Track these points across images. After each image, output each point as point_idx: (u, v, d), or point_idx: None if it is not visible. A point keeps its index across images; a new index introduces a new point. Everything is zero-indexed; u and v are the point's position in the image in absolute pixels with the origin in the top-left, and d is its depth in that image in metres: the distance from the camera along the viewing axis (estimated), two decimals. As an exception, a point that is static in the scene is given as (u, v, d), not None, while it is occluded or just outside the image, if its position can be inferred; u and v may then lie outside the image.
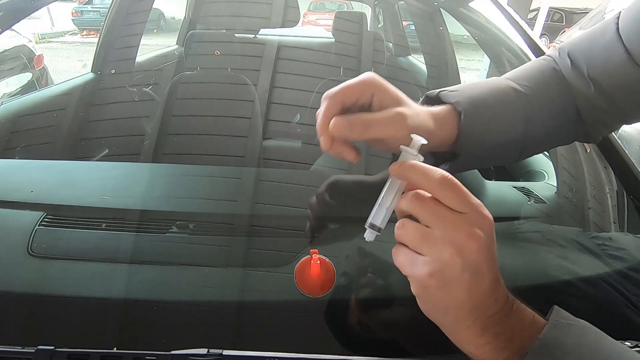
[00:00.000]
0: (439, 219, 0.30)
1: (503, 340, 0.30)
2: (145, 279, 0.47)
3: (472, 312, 0.30)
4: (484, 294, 0.30)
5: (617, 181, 0.64)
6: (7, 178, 0.61)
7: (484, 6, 1.05)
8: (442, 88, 0.44)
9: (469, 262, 0.29)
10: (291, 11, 0.98)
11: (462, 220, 0.29)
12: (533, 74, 0.47)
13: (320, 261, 0.45)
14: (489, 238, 0.30)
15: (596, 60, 0.45)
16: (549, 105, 0.45)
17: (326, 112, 0.35)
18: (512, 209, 0.61)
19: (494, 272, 0.30)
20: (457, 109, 0.41)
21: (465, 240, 0.29)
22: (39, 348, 0.35)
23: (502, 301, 0.30)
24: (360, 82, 0.37)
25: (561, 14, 10.01)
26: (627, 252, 0.54)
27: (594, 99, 0.45)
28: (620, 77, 0.43)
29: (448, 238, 0.29)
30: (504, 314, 0.30)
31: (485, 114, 0.42)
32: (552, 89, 0.46)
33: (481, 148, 0.43)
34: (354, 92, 0.36)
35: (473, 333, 0.30)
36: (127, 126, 0.78)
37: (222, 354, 0.35)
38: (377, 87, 0.37)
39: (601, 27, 0.46)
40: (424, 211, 0.30)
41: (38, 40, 3.57)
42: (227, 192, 0.61)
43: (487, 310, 0.30)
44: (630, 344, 0.39)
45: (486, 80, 0.47)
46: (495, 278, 0.30)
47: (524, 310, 0.31)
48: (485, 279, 0.30)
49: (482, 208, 0.30)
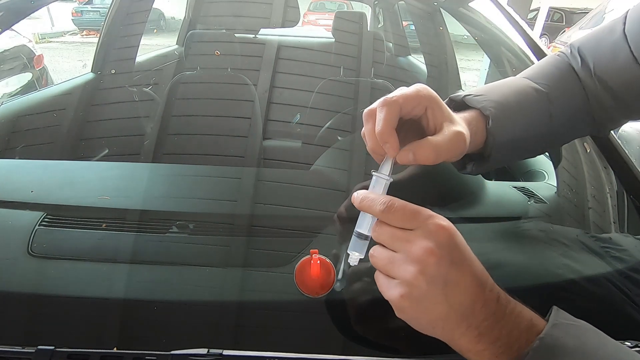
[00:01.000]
0: (395, 241, 0.31)
1: (500, 346, 0.29)
2: (145, 279, 0.47)
3: (461, 320, 0.30)
4: (466, 300, 0.30)
5: (617, 181, 0.64)
6: (7, 178, 0.61)
7: (484, 6, 1.05)
8: (466, 91, 0.45)
9: (432, 276, 0.29)
10: (291, 11, 0.98)
11: (416, 236, 0.30)
12: (551, 71, 0.48)
13: (320, 261, 0.45)
14: (446, 246, 0.30)
15: (602, 59, 0.46)
16: (568, 102, 0.46)
17: (388, 119, 0.34)
18: (512, 209, 0.61)
19: (470, 276, 0.30)
20: (485, 113, 0.41)
21: (421, 255, 0.29)
22: (39, 348, 0.35)
23: (493, 304, 0.30)
24: (416, 92, 0.36)
25: (561, 14, 10.00)
26: (628, 253, 0.54)
27: (599, 96, 0.46)
28: (626, 76, 0.44)
29: (407, 258, 0.30)
30: (498, 317, 0.30)
31: (511, 117, 0.43)
32: (570, 85, 0.47)
33: (508, 149, 0.44)
34: (412, 101, 0.35)
35: (469, 341, 0.30)
36: (127, 126, 0.78)
37: (222, 354, 0.35)
38: (432, 100, 0.36)
39: (609, 26, 0.47)
40: (383, 237, 0.32)
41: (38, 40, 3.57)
42: (227, 192, 0.61)
43: (477, 315, 0.30)
44: (631, 343, 0.39)
45: (507, 81, 0.47)
46: (475, 281, 0.30)
47: (520, 312, 0.30)
48: (459, 286, 0.29)
49: (433, 219, 0.30)
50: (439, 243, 0.29)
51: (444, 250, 0.29)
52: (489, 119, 0.41)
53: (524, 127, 0.44)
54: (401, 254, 0.30)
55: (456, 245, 0.30)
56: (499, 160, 0.45)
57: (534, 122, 0.44)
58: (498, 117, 0.41)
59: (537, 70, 0.49)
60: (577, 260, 0.52)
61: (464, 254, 0.30)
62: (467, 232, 0.54)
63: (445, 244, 0.30)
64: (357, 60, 0.97)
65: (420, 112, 0.36)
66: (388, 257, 0.31)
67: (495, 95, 0.43)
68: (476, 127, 0.41)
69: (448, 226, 0.30)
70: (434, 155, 0.34)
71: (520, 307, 0.31)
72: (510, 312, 0.30)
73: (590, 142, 0.68)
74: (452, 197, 0.58)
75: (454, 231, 0.30)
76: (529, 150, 0.48)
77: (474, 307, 0.29)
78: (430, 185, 0.56)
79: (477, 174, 0.48)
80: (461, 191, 0.58)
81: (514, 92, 0.45)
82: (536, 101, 0.45)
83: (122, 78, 0.88)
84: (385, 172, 0.35)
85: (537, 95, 0.45)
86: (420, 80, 1.16)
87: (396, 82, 0.94)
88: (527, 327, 0.30)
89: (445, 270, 0.29)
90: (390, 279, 0.31)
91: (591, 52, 0.46)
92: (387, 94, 0.36)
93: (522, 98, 0.44)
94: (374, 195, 0.33)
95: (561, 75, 0.47)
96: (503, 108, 0.42)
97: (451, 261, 0.29)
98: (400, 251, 0.31)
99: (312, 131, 0.74)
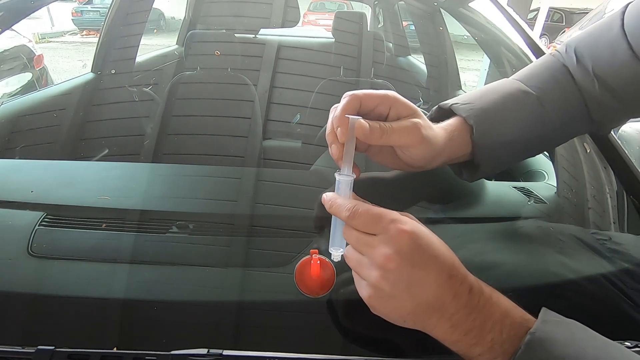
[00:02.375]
0: (360, 245, 0.33)
1: (474, 337, 0.30)
2: (145, 279, 0.47)
3: (430, 314, 0.31)
4: (433, 295, 0.30)
5: (617, 181, 0.64)
6: (7, 178, 0.61)
7: (484, 6, 1.05)
8: (454, 99, 0.45)
9: (394, 279, 0.30)
10: (291, 11, 0.98)
11: (378, 242, 0.31)
12: (542, 73, 0.47)
13: (320, 261, 0.45)
14: (407, 251, 0.30)
15: (601, 57, 0.45)
16: (561, 104, 0.46)
17: (345, 106, 0.37)
18: (512, 209, 0.61)
19: (434, 274, 0.31)
20: (469, 123, 0.42)
21: (382, 262, 0.31)
22: (39, 348, 0.35)
23: (464, 296, 0.31)
24: (382, 92, 0.39)
25: (561, 14, 10.01)
26: (628, 251, 0.54)
27: (599, 95, 0.45)
28: (625, 74, 0.43)
29: (371, 262, 0.31)
30: (470, 309, 0.31)
31: (498, 123, 0.43)
32: (563, 86, 0.46)
33: (498, 155, 0.44)
34: (374, 98, 0.38)
35: (443, 332, 0.31)
36: (127, 126, 0.78)
37: (222, 354, 0.35)
38: (396, 100, 0.39)
39: (607, 23, 0.46)
40: (351, 240, 0.34)
41: (38, 40, 3.57)
42: (227, 192, 0.61)
43: (448, 308, 0.31)
44: (630, 344, 0.39)
45: (496, 86, 0.47)
46: (442, 277, 0.31)
47: (496, 302, 0.31)
48: (424, 285, 0.30)
49: (394, 224, 0.31)
50: (398, 248, 0.30)
51: (404, 255, 0.30)
52: (473, 128, 0.42)
53: (513, 132, 0.44)
54: (367, 258, 0.32)
55: (418, 247, 0.31)
56: (492, 166, 0.46)
57: (523, 126, 0.44)
58: (483, 125, 0.42)
59: (528, 72, 0.48)
60: (577, 259, 0.52)
61: (426, 254, 0.31)
62: (467, 232, 0.54)
63: (405, 248, 0.30)
64: (357, 60, 0.97)
65: (384, 111, 0.38)
66: (357, 260, 0.33)
67: (482, 102, 0.44)
68: (463, 133, 0.42)
69: (409, 229, 0.31)
70: (380, 133, 0.36)
71: (496, 297, 0.32)
72: (485, 302, 0.31)
73: (590, 142, 0.68)
74: (452, 196, 0.58)
75: (416, 234, 0.31)
76: (521, 154, 0.48)
77: (443, 299, 0.30)
78: (430, 185, 0.56)
79: (473, 181, 0.48)
80: (461, 191, 0.58)
81: (502, 97, 0.45)
82: (525, 104, 0.45)
83: (122, 78, 0.88)
84: (347, 171, 0.37)
85: (527, 98, 0.45)
86: (421, 80, 1.17)
87: (396, 82, 0.94)
88: (501, 317, 0.30)
89: (407, 273, 0.30)
90: (361, 280, 0.33)
91: (589, 51, 0.46)
92: None
93: (511, 103, 0.44)
94: (341, 200, 0.34)
95: (553, 77, 0.47)
96: (488, 116, 0.43)
97: (412, 264, 0.30)
98: (365, 255, 0.32)
99: (312, 131, 0.74)
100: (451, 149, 0.42)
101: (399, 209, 0.34)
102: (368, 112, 0.38)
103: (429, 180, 0.55)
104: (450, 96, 1.07)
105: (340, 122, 0.37)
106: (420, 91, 1.03)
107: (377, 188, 0.50)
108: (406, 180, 0.50)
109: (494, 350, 0.30)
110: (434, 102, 0.93)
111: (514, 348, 0.29)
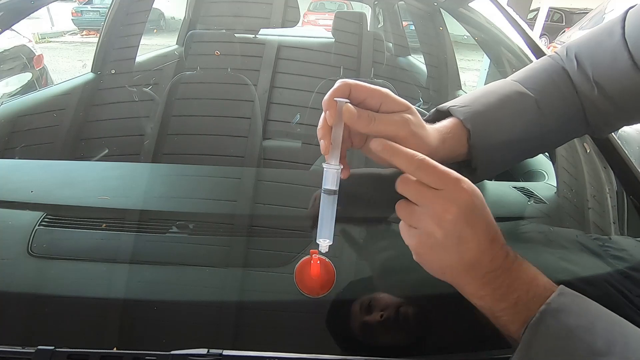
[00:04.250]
0: (420, 196, 0.34)
1: (501, 294, 0.33)
2: (145, 279, 0.47)
3: (467, 270, 0.33)
4: (475, 255, 0.33)
5: (617, 181, 0.64)
6: (7, 178, 0.61)
7: (484, 6, 1.05)
8: (452, 101, 0.45)
9: (448, 231, 0.33)
10: (291, 11, 0.98)
11: (439, 196, 0.33)
12: (540, 75, 0.47)
13: (320, 261, 0.45)
14: (465, 208, 0.33)
15: (601, 64, 0.45)
16: (558, 105, 0.46)
17: (334, 91, 0.37)
18: (512, 209, 0.61)
19: (483, 236, 0.33)
20: (466, 126, 0.42)
21: (441, 212, 0.32)
22: (39, 348, 0.35)
23: (500, 259, 0.33)
24: (373, 86, 0.39)
25: (561, 14, 10.01)
26: (627, 253, 0.54)
27: (596, 102, 0.45)
28: (625, 83, 0.43)
29: (428, 212, 0.33)
30: (502, 270, 0.33)
31: (495, 126, 0.43)
32: (561, 89, 0.46)
33: (495, 157, 0.44)
34: (364, 90, 0.38)
35: (473, 288, 0.34)
36: (127, 126, 0.78)
37: (222, 354, 0.35)
38: (387, 96, 0.39)
39: (607, 29, 0.45)
40: (409, 192, 0.35)
41: (38, 40, 3.57)
42: (227, 192, 0.60)
43: (483, 268, 0.33)
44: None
45: (494, 86, 0.47)
46: (487, 240, 0.33)
47: (525, 269, 0.34)
48: (471, 244, 0.33)
49: (459, 183, 0.33)
50: (459, 203, 0.32)
51: (462, 210, 0.32)
52: (469, 132, 0.42)
53: (510, 134, 0.44)
54: (424, 208, 0.34)
55: (475, 207, 0.33)
56: (490, 168, 0.46)
57: (521, 128, 0.44)
58: (480, 128, 0.42)
59: (526, 74, 0.48)
60: (576, 261, 0.52)
61: (479, 216, 0.33)
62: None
63: (465, 205, 0.33)
64: (357, 60, 0.97)
65: (374, 105, 0.39)
66: (410, 210, 0.35)
67: (479, 105, 0.44)
68: (458, 135, 0.43)
69: (469, 189, 0.33)
70: (367, 120, 0.37)
71: (526, 265, 0.35)
72: (517, 267, 0.34)
73: (590, 142, 0.68)
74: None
75: (476, 195, 0.33)
76: (519, 155, 0.48)
77: (482, 260, 0.33)
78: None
79: (473, 183, 0.48)
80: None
81: (500, 99, 0.45)
82: (523, 107, 0.45)
83: (122, 78, 0.88)
84: (334, 160, 0.37)
85: (525, 100, 0.45)
86: (421, 80, 1.16)
87: (396, 82, 0.94)
88: (528, 280, 0.34)
89: (460, 228, 0.32)
90: (411, 228, 0.35)
91: (589, 57, 0.45)
92: None
93: (508, 105, 0.44)
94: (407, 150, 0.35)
95: (551, 79, 0.47)
96: (485, 118, 0.43)
97: (466, 221, 0.33)
98: (423, 206, 0.34)
99: (312, 131, 0.73)
100: (445, 150, 0.42)
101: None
102: (357, 104, 0.38)
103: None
104: (450, 96, 1.07)
105: (328, 105, 0.37)
106: (420, 91, 1.03)
107: (371, 186, 0.50)
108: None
109: (517, 306, 0.33)
110: (434, 102, 0.94)
111: (536, 309, 0.32)
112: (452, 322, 0.47)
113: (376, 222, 0.54)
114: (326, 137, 0.38)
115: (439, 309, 0.47)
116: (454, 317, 0.46)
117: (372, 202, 0.49)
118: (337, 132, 0.37)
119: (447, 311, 0.46)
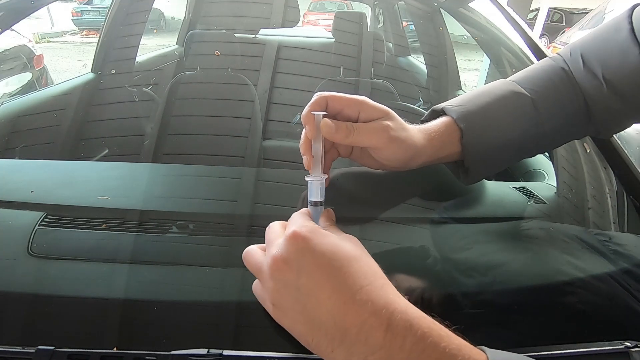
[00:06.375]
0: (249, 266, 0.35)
1: None
2: (145, 279, 0.47)
3: (327, 337, 0.27)
4: (329, 315, 0.26)
5: (617, 181, 0.64)
6: (7, 178, 0.61)
7: (484, 6, 1.05)
8: (447, 101, 0.45)
9: (280, 280, 0.30)
10: (291, 11, 0.98)
11: (270, 245, 0.32)
12: (539, 75, 0.47)
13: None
14: (294, 256, 0.28)
15: (610, 61, 0.44)
16: (556, 106, 0.45)
17: (311, 105, 0.38)
18: (512, 209, 0.61)
19: (331, 290, 0.27)
20: (459, 126, 0.42)
21: (270, 262, 0.30)
22: (39, 348, 0.35)
23: (378, 333, 0.25)
24: (350, 96, 0.39)
25: (561, 14, 10.01)
26: (630, 250, 0.54)
27: (606, 100, 0.45)
28: (636, 78, 0.43)
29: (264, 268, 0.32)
30: (387, 351, 0.25)
31: (488, 126, 0.43)
32: (559, 89, 0.46)
33: (489, 157, 0.44)
34: (341, 100, 0.38)
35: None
36: (127, 126, 0.78)
37: (222, 354, 0.35)
38: (365, 104, 0.39)
39: (613, 26, 0.45)
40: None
41: (38, 40, 3.57)
42: (227, 192, 0.60)
43: (352, 341, 0.26)
44: (630, 343, 0.39)
45: (491, 86, 0.47)
46: (342, 298, 0.26)
47: (430, 346, 0.25)
48: (314, 296, 0.27)
49: (289, 229, 0.30)
50: (286, 250, 0.29)
51: (290, 260, 0.28)
52: (462, 132, 0.42)
53: (505, 134, 0.44)
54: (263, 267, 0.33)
55: (309, 252, 0.28)
56: (484, 168, 0.45)
57: (516, 128, 0.44)
58: (473, 127, 0.42)
59: (524, 75, 0.48)
60: (579, 258, 0.52)
61: (317, 262, 0.27)
62: (467, 232, 0.54)
63: (293, 253, 0.28)
64: (357, 60, 0.97)
65: (353, 114, 0.39)
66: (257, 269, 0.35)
67: (473, 104, 0.44)
68: (448, 134, 0.43)
69: (304, 233, 0.29)
70: (345, 132, 0.37)
71: (437, 337, 0.25)
72: (412, 346, 0.24)
73: (590, 142, 0.68)
74: (451, 196, 0.58)
75: (310, 238, 0.28)
76: (515, 156, 0.48)
77: (343, 326, 0.26)
78: (430, 184, 0.56)
79: (470, 184, 0.48)
80: (460, 191, 0.58)
81: (495, 99, 0.44)
82: (519, 107, 0.44)
83: (122, 78, 0.88)
84: (317, 172, 0.37)
85: (521, 100, 0.44)
86: (421, 80, 1.16)
87: (396, 82, 0.94)
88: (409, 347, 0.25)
89: (293, 276, 0.28)
90: None
91: (596, 55, 0.45)
92: (387, 95, 0.37)
93: (504, 105, 0.44)
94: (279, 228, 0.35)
95: (549, 79, 0.46)
96: (479, 118, 0.43)
97: (298, 268, 0.28)
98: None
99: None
100: (433, 149, 0.42)
101: (396, 206, 0.35)
102: (335, 115, 0.39)
103: (428, 179, 0.55)
104: (450, 96, 1.06)
105: (306, 119, 0.37)
106: (420, 91, 1.03)
107: (371, 185, 0.50)
108: (405, 178, 0.50)
109: None
110: (434, 102, 0.93)
111: None
112: (452, 322, 0.47)
113: (370, 221, 0.54)
114: (307, 153, 0.38)
115: (439, 308, 0.47)
116: (454, 317, 0.46)
117: (365, 201, 0.50)
118: (317, 146, 0.37)
119: (448, 311, 0.46)
